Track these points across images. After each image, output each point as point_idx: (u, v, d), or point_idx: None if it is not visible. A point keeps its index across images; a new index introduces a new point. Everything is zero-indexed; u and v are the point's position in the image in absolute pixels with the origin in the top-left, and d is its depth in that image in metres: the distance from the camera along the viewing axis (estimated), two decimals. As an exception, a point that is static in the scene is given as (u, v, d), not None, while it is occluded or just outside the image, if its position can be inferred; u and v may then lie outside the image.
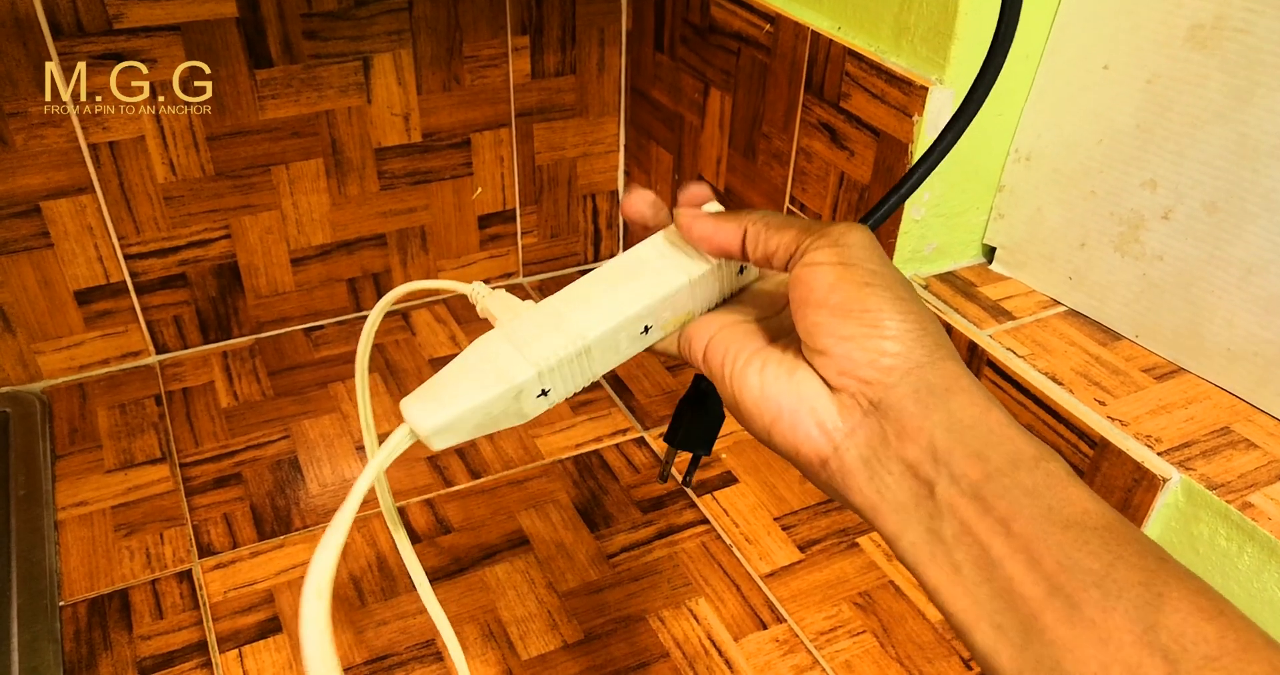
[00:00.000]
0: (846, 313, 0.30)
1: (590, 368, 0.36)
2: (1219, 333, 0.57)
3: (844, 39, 0.65)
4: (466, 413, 0.34)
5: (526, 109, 0.90)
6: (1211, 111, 0.53)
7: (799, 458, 0.31)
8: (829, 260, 0.31)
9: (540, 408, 0.36)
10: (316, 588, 0.32)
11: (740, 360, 0.33)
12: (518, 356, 0.34)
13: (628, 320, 0.35)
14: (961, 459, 0.28)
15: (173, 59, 0.74)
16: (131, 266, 0.82)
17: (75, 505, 0.72)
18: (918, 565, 0.28)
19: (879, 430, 0.29)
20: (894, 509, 0.29)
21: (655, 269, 0.36)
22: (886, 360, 0.29)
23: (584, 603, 0.67)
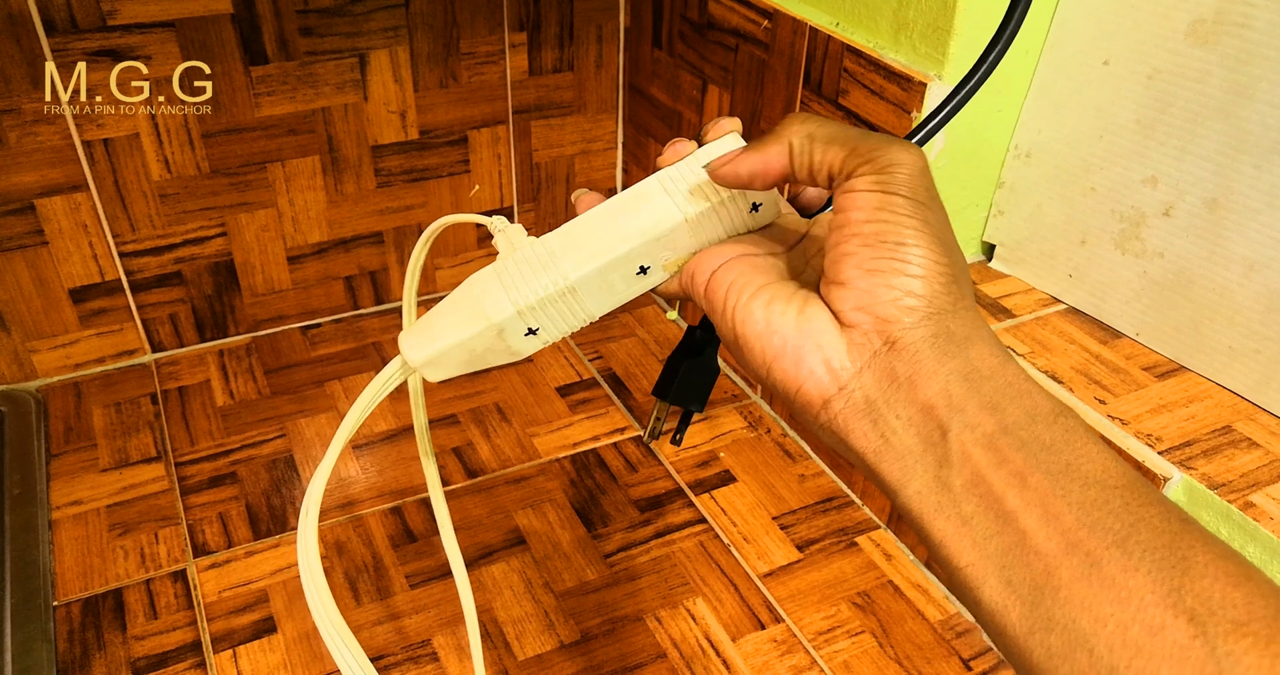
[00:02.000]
0: (879, 244, 0.28)
1: (582, 308, 0.35)
2: (1220, 330, 0.56)
3: (842, 35, 0.65)
4: (451, 347, 0.34)
5: (524, 106, 0.90)
6: (1213, 107, 0.53)
7: (799, 397, 0.30)
8: (871, 187, 0.29)
9: (533, 346, 0.35)
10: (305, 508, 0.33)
11: (746, 293, 0.32)
12: (502, 295, 0.34)
13: (618, 260, 0.34)
14: (977, 409, 0.26)
15: (167, 56, 0.74)
16: (127, 264, 0.81)
17: (70, 504, 0.72)
18: (922, 516, 0.27)
19: (890, 371, 0.28)
20: (899, 455, 0.27)
21: (654, 206, 0.34)
22: (910, 300, 0.28)
23: (581, 602, 0.66)
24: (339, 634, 0.33)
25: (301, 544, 0.34)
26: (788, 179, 0.32)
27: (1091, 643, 0.23)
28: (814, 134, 0.30)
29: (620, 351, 0.90)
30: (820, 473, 0.78)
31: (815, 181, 0.31)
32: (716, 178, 0.33)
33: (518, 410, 0.83)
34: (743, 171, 0.32)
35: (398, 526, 0.71)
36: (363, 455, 0.77)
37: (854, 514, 0.74)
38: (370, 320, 0.93)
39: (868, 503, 0.75)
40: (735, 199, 0.34)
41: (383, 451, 0.78)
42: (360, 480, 0.75)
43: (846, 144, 0.30)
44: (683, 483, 0.76)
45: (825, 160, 0.30)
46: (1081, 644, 0.23)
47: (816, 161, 0.30)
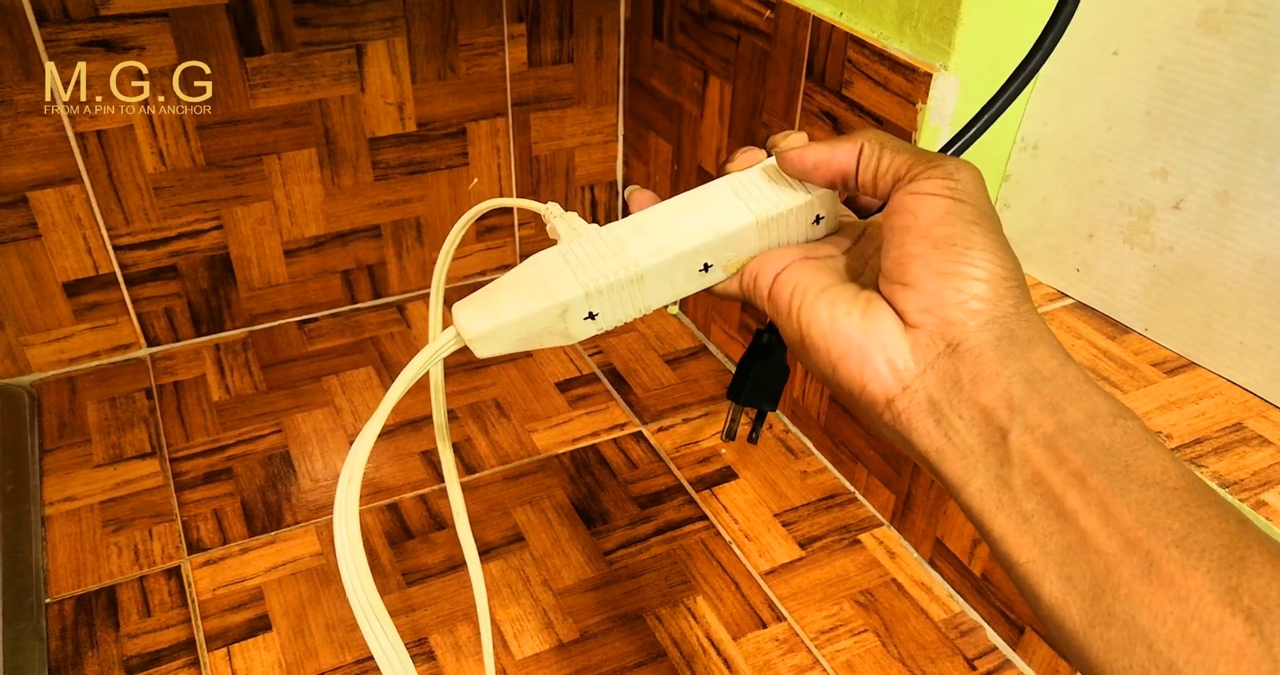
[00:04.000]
0: (948, 247, 0.29)
1: (643, 298, 0.35)
2: (1231, 326, 0.55)
3: (846, 25, 0.64)
4: (511, 323, 0.34)
5: (523, 98, 0.89)
6: (1224, 98, 0.52)
7: (863, 396, 0.30)
8: (941, 192, 0.30)
9: (587, 331, 0.35)
10: (349, 474, 0.33)
11: (810, 294, 0.32)
12: (569, 275, 0.34)
13: (686, 254, 0.35)
14: (1037, 410, 0.27)
15: (161, 46, 0.73)
16: (121, 258, 0.80)
17: (63, 500, 0.71)
18: (983, 513, 0.28)
19: (953, 373, 0.29)
20: (961, 454, 0.28)
21: (725, 206, 0.35)
22: (975, 303, 0.29)
23: (579, 601, 0.66)
24: (374, 612, 0.33)
25: (339, 514, 0.33)
26: (848, 179, 0.33)
27: (1151, 638, 0.24)
28: (884, 141, 0.32)
29: (620, 347, 0.90)
30: (823, 469, 0.77)
31: (877, 185, 0.32)
32: (783, 159, 0.34)
33: (516, 406, 0.82)
34: (809, 158, 0.34)
35: (394, 523, 0.70)
36: (360, 451, 0.76)
37: (857, 511, 0.74)
38: (368, 315, 0.92)
39: (870, 500, 0.74)
40: (802, 209, 0.35)
41: (379, 448, 0.77)
42: (357, 476, 0.74)
43: (914, 154, 0.31)
44: (683, 479, 0.75)
45: (893, 164, 0.31)
46: (1141, 639, 0.24)
47: (884, 165, 0.32)
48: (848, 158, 0.33)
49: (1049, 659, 0.61)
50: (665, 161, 0.89)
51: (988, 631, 0.65)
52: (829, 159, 0.33)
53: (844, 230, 0.37)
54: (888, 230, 0.31)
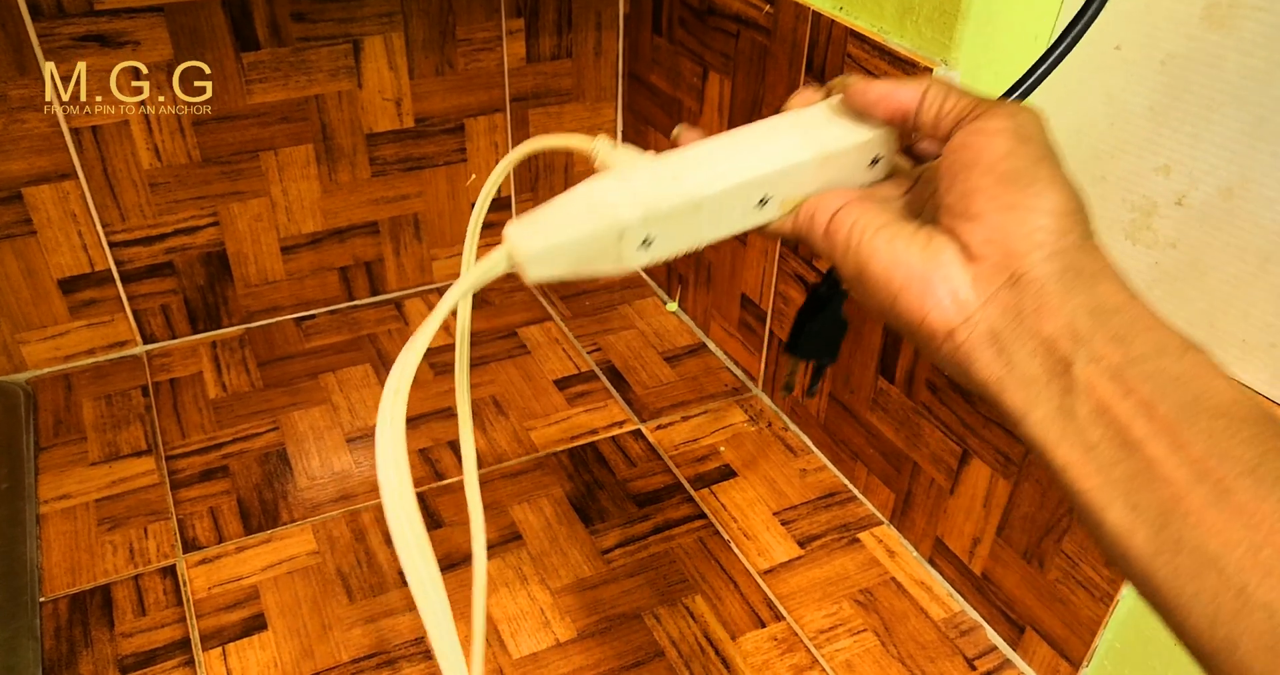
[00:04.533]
0: (1014, 181, 0.30)
1: (699, 229, 0.35)
2: (1234, 324, 0.55)
3: (846, 19, 0.63)
4: (568, 243, 0.33)
5: (521, 94, 0.88)
6: (1228, 93, 0.51)
7: (923, 328, 0.31)
8: (1006, 130, 0.30)
9: (639, 260, 0.35)
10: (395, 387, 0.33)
11: (870, 229, 0.33)
12: (631, 197, 0.34)
13: (744, 184, 0.35)
14: (1103, 341, 0.27)
15: (156, 41, 0.72)
16: (117, 254, 0.80)
17: (58, 498, 0.70)
18: (1045, 442, 0.28)
19: (1015, 304, 0.29)
20: (1022, 384, 0.29)
21: (787, 139, 0.35)
22: (1040, 235, 0.29)
23: (577, 600, 0.65)
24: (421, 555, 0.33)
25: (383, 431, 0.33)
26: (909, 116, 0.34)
27: (1221, 563, 0.24)
28: (949, 84, 0.33)
29: (619, 343, 0.89)
30: (822, 467, 0.77)
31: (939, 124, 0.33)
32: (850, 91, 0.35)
33: (514, 403, 0.81)
34: (874, 90, 0.34)
35: (391, 522, 0.70)
36: (357, 449, 0.76)
37: (856, 509, 0.73)
38: (365, 312, 0.91)
39: (870, 498, 0.74)
40: (861, 147, 0.35)
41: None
42: (355, 474, 0.74)
43: (977, 97, 0.32)
44: (682, 477, 0.75)
45: (958, 105, 0.32)
46: (1210, 565, 0.24)
47: (949, 105, 0.32)
48: (912, 95, 0.33)
49: (1049, 658, 0.61)
50: (664, 158, 0.89)
51: (988, 631, 0.65)
52: (893, 93, 0.34)
53: (900, 176, 0.37)
54: (950, 167, 0.31)
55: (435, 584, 0.33)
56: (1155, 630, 0.54)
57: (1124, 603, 0.55)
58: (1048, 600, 0.59)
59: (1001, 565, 0.62)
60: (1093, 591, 0.56)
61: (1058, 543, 0.57)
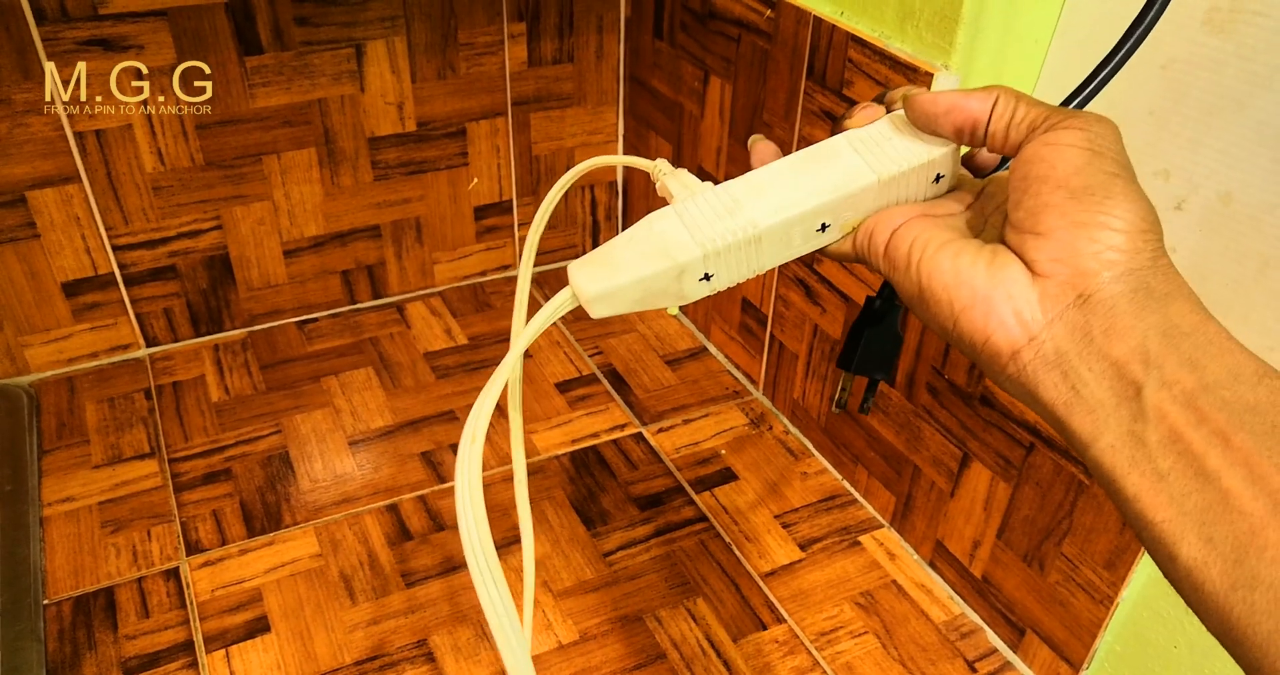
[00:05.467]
0: (1086, 197, 0.28)
1: (759, 258, 0.35)
2: (1234, 329, 0.55)
3: (847, 24, 0.63)
4: (628, 285, 0.34)
5: (523, 98, 0.89)
6: (1229, 98, 0.51)
7: (986, 348, 0.30)
8: (1079, 143, 0.29)
9: (701, 292, 0.35)
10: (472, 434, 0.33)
11: (932, 246, 0.32)
12: (686, 236, 0.33)
13: (806, 214, 0.34)
14: (1175, 366, 0.26)
15: (160, 45, 0.72)
16: (120, 258, 0.80)
17: (61, 501, 0.71)
18: (1114, 470, 0.27)
19: (1084, 324, 0.28)
20: (1090, 408, 0.27)
21: (845, 164, 0.35)
22: (1111, 254, 0.28)
23: (579, 602, 0.65)
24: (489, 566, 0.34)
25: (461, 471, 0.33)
26: (978, 127, 0.33)
27: None
28: (1019, 93, 0.32)
29: (620, 347, 0.89)
30: (823, 470, 0.77)
31: (1008, 135, 0.31)
32: (914, 103, 0.34)
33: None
34: (942, 102, 0.33)
35: (394, 524, 0.70)
36: (359, 452, 0.76)
37: (857, 512, 0.73)
38: (367, 315, 0.91)
39: (871, 501, 0.74)
40: (924, 167, 0.35)
41: (379, 448, 0.77)
42: (357, 477, 0.74)
43: (1048, 107, 0.31)
44: (683, 480, 0.75)
45: (1029, 115, 0.31)
46: None
47: (1020, 115, 0.31)
48: (982, 105, 0.32)
49: (1050, 661, 0.61)
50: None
51: (988, 633, 0.65)
52: (963, 103, 0.32)
53: (963, 188, 0.36)
54: (1020, 180, 0.30)
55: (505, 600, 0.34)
56: (1155, 633, 0.55)
57: (1124, 606, 0.55)
58: (1048, 603, 0.60)
59: (1002, 568, 0.62)
60: (1093, 594, 0.56)
61: (1058, 545, 0.58)
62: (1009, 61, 0.58)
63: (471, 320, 0.92)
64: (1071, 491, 0.56)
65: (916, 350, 0.65)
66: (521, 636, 0.35)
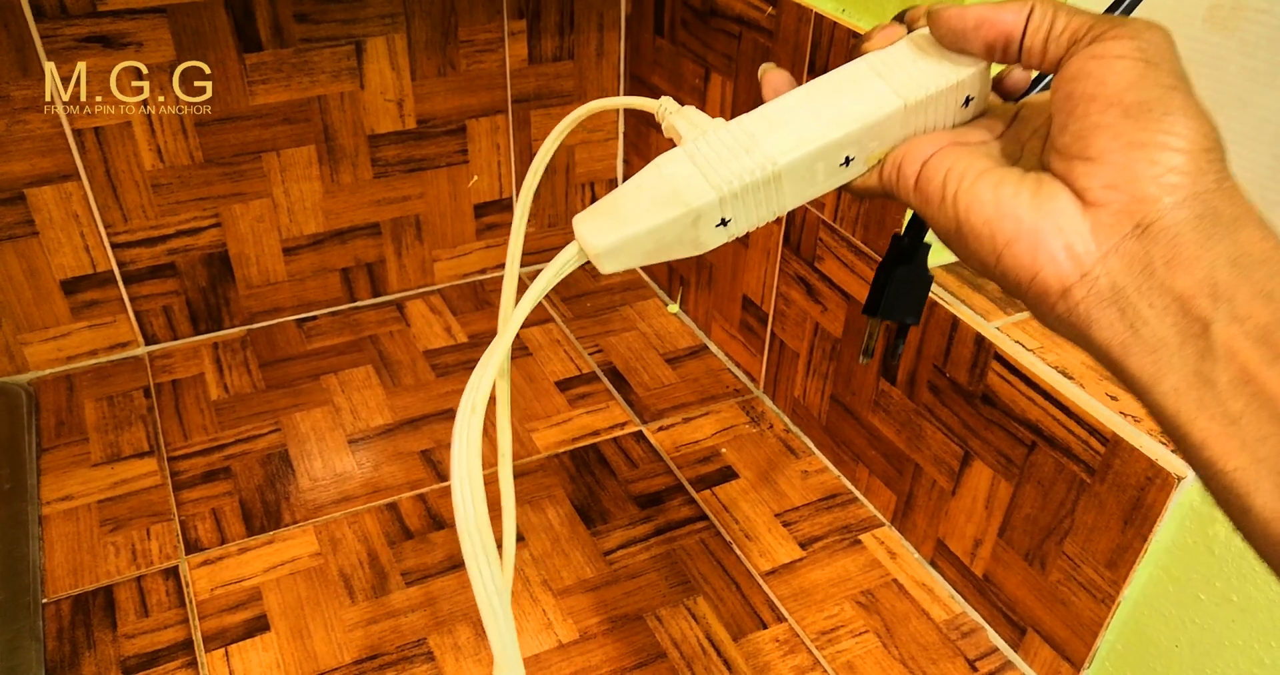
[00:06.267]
0: (1144, 115, 0.26)
1: (779, 199, 0.32)
2: (1236, 326, 0.55)
3: (848, 22, 0.63)
4: (640, 235, 0.31)
5: (523, 95, 0.89)
6: (1230, 94, 0.51)
7: (1034, 285, 0.27)
8: (1131, 54, 0.26)
9: (718, 239, 0.32)
10: (472, 403, 0.31)
11: (969, 177, 0.29)
12: (700, 178, 0.31)
13: (828, 147, 0.31)
14: (1249, 298, 0.24)
15: (159, 42, 0.72)
16: (119, 255, 0.80)
17: (60, 499, 0.71)
18: (1179, 415, 0.25)
19: (1143, 256, 0.25)
20: (1150, 348, 0.25)
21: (868, 90, 0.32)
22: (1173, 177, 0.25)
23: (579, 601, 0.65)
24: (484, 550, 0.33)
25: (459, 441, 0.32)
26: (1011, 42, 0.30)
27: None
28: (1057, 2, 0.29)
29: (620, 345, 0.89)
30: (823, 469, 0.77)
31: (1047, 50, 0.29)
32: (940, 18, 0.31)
33: (515, 404, 0.81)
34: (969, 17, 0.30)
35: (394, 523, 0.70)
36: (359, 450, 0.76)
37: (857, 511, 0.73)
38: (367, 313, 0.91)
39: (871, 500, 0.74)
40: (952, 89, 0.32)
41: (379, 446, 0.76)
42: (356, 476, 0.74)
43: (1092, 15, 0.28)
44: (683, 479, 0.75)
45: (1070, 25, 0.28)
46: None
47: (1060, 25, 0.28)
48: (1015, 18, 0.29)
49: (1051, 660, 0.61)
50: (666, 159, 0.89)
51: (989, 632, 0.65)
52: (994, 17, 0.29)
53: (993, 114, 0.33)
54: (1064, 100, 0.27)
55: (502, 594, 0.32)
56: (1157, 632, 0.54)
57: (1125, 604, 0.55)
58: (1049, 602, 0.59)
59: (1003, 567, 0.62)
60: (1094, 593, 0.56)
61: (1059, 544, 0.57)
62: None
63: (471, 318, 0.91)
64: (1073, 490, 0.56)
65: (918, 348, 0.64)
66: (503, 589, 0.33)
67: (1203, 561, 0.51)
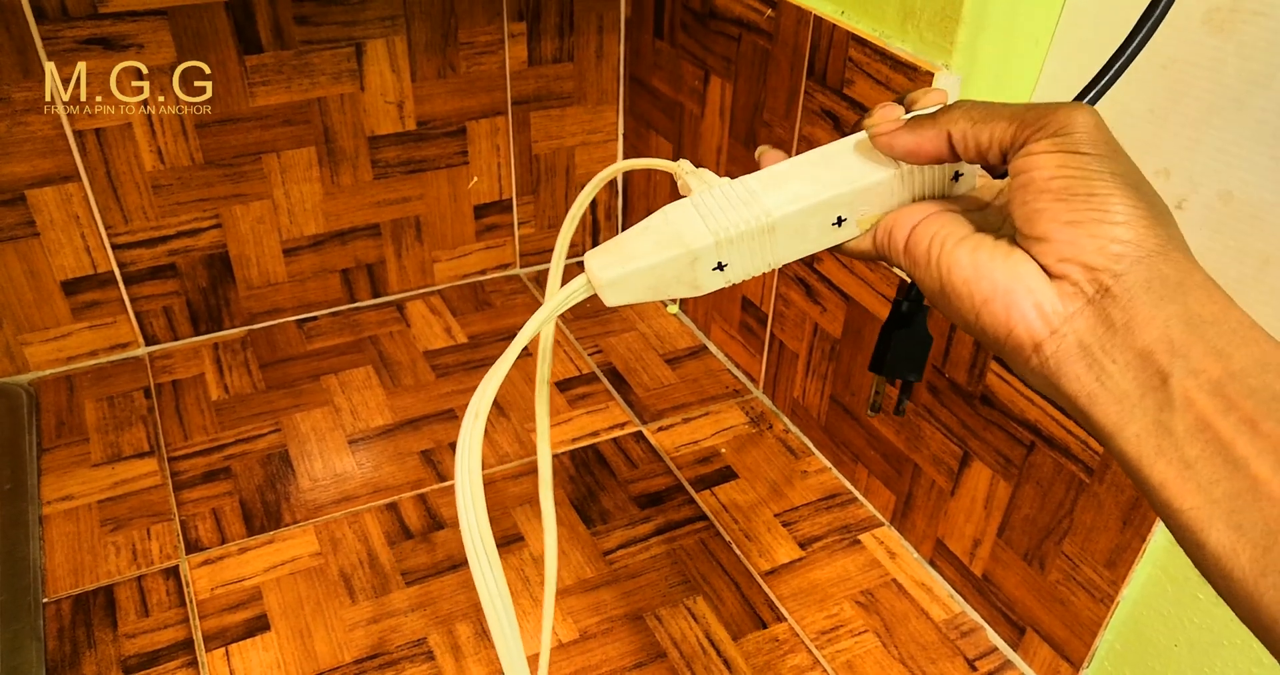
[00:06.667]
0: (1071, 196, 0.28)
1: (774, 250, 0.35)
2: (1233, 326, 0.55)
3: (848, 24, 0.64)
4: (641, 271, 0.34)
5: (523, 97, 0.89)
6: (1228, 97, 0.51)
7: (1009, 340, 0.30)
8: (1050, 149, 0.29)
9: (716, 282, 0.35)
10: (476, 411, 0.34)
11: (951, 241, 0.32)
12: (700, 224, 0.34)
13: (820, 205, 0.34)
14: (1201, 355, 0.26)
15: (160, 44, 0.72)
16: (119, 256, 0.80)
17: (61, 499, 0.71)
18: (1140, 459, 0.27)
19: (1104, 317, 0.28)
20: (1115, 399, 0.27)
21: (863, 158, 0.35)
22: (1116, 247, 0.28)
23: (579, 601, 0.65)
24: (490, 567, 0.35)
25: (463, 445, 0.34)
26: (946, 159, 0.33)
27: None
28: (974, 116, 0.31)
29: (620, 346, 0.89)
30: (823, 469, 0.77)
31: (988, 159, 0.32)
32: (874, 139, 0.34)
33: (515, 405, 0.82)
34: (898, 147, 0.33)
35: (394, 523, 0.70)
36: (359, 450, 0.76)
37: (857, 511, 0.73)
38: (367, 313, 0.91)
39: (871, 500, 0.74)
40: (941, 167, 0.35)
41: (379, 446, 0.77)
42: (356, 476, 0.74)
43: (1013, 117, 0.30)
44: (683, 479, 0.75)
45: (994, 138, 0.31)
46: None
47: (984, 141, 0.31)
48: (934, 145, 0.32)
49: (1050, 659, 0.61)
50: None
51: (988, 632, 0.65)
52: (915, 147, 0.33)
53: (982, 188, 0.36)
54: (1013, 191, 0.30)
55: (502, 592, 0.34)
56: (1156, 631, 0.55)
57: (1124, 604, 0.55)
58: (1048, 601, 0.60)
59: (1002, 567, 0.63)
60: (1093, 593, 0.56)
61: (1058, 544, 0.58)
62: (1010, 60, 0.58)
63: (471, 319, 0.92)
64: (1072, 490, 0.56)
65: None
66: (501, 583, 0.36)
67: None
